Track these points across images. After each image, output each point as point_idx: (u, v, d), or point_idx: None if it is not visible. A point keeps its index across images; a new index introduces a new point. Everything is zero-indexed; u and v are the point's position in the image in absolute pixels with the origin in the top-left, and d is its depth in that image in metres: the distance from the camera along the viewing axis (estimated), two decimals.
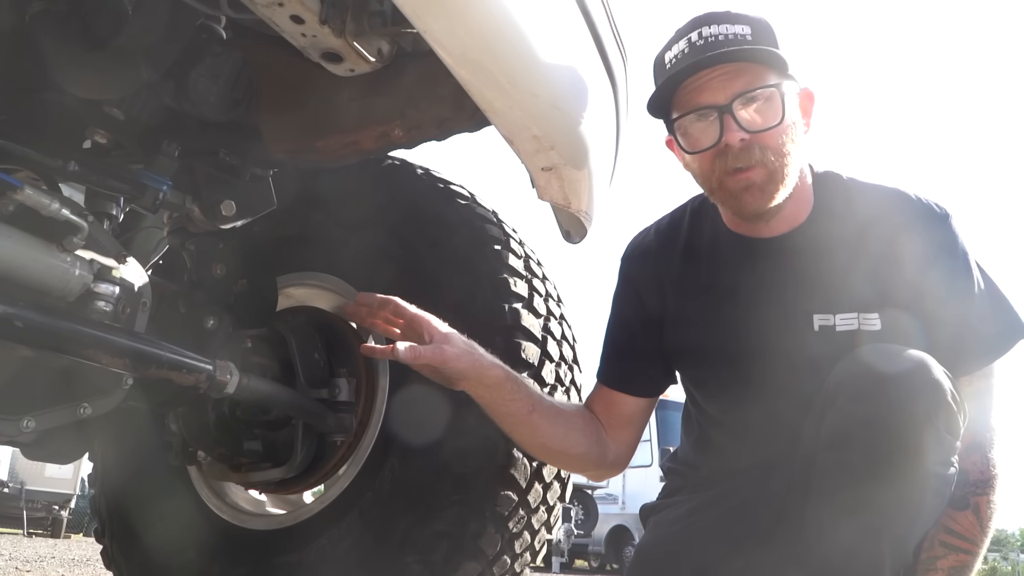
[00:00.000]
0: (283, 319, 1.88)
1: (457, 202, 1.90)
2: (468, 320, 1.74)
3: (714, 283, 1.51)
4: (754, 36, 1.34)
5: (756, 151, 1.32)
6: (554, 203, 1.49)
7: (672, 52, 1.39)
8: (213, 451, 1.81)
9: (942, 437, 1.21)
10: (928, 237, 1.39)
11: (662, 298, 1.56)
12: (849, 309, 1.39)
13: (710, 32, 1.34)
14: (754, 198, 1.35)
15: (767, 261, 1.46)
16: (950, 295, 1.37)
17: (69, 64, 1.38)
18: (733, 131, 1.32)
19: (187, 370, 1.46)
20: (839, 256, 1.41)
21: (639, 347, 1.59)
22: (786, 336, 1.42)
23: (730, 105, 1.32)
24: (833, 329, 1.39)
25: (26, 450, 1.64)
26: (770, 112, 1.33)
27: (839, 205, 1.45)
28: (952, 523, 1.32)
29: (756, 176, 1.34)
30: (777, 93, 1.33)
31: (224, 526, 1.94)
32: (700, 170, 1.40)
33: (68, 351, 1.29)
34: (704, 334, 1.51)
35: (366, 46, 1.39)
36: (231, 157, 1.67)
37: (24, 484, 13.76)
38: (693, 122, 1.37)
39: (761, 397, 1.44)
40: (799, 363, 1.39)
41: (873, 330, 1.37)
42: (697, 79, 1.34)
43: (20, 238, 1.27)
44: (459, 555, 1.66)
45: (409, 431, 1.72)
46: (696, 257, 1.55)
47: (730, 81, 1.32)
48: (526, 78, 1.26)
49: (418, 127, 1.59)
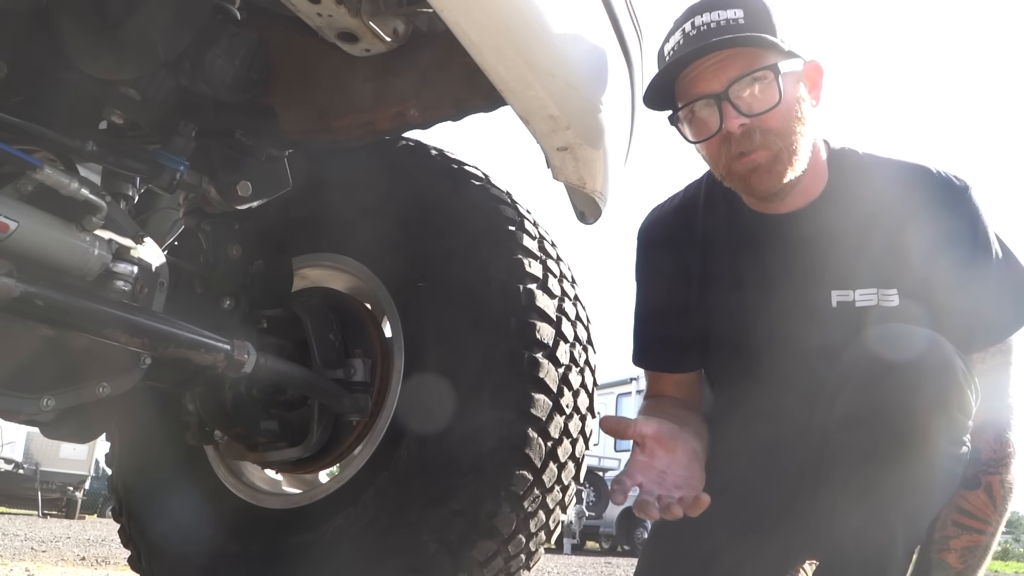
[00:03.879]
0: (298, 300, 1.88)
1: (471, 183, 1.90)
2: (483, 301, 1.75)
3: (731, 266, 1.51)
4: (747, 18, 1.34)
5: (757, 135, 1.33)
6: (569, 183, 1.48)
7: (669, 44, 1.41)
8: (230, 431, 1.82)
9: (953, 417, 1.21)
10: (946, 211, 1.39)
11: (688, 284, 1.57)
12: (869, 285, 1.39)
13: (702, 21, 1.35)
14: (762, 179, 1.36)
15: (784, 239, 1.46)
16: (967, 270, 1.36)
17: (86, 44, 1.39)
18: (732, 117, 1.32)
19: (205, 349, 1.47)
20: (856, 231, 1.41)
21: (678, 333, 1.59)
22: (805, 313, 1.41)
23: (726, 92, 1.32)
24: (852, 305, 1.39)
25: (45, 429, 1.66)
26: (768, 94, 1.33)
27: (855, 180, 1.45)
28: (964, 503, 1.32)
29: (760, 157, 1.34)
30: (771, 74, 1.33)
31: (241, 505, 1.96)
32: (709, 157, 1.42)
33: (88, 330, 1.30)
34: (723, 318, 1.51)
35: (382, 26, 1.39)
36: (247, 138, 1.68)
37: (39, 465, 13.92)
38: (694, 112, 1.38)
39: (779, 378, 1.44)
40: (817, 340, 1.39)
41: (891, 306, 1.37)
42: (692, 69, 1.35)
43: (40, 217, 1.28)
44: (474, 534, 1.67)
45: (424, 411, 1.72)
46: (713, 241, 1.55)
47: (724, 68, 1.33)
48: (542, 57, 1.25)
49: (433, 107, 1.58)
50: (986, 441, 1.32)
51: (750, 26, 1.33)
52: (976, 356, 1.35)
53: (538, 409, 1.69)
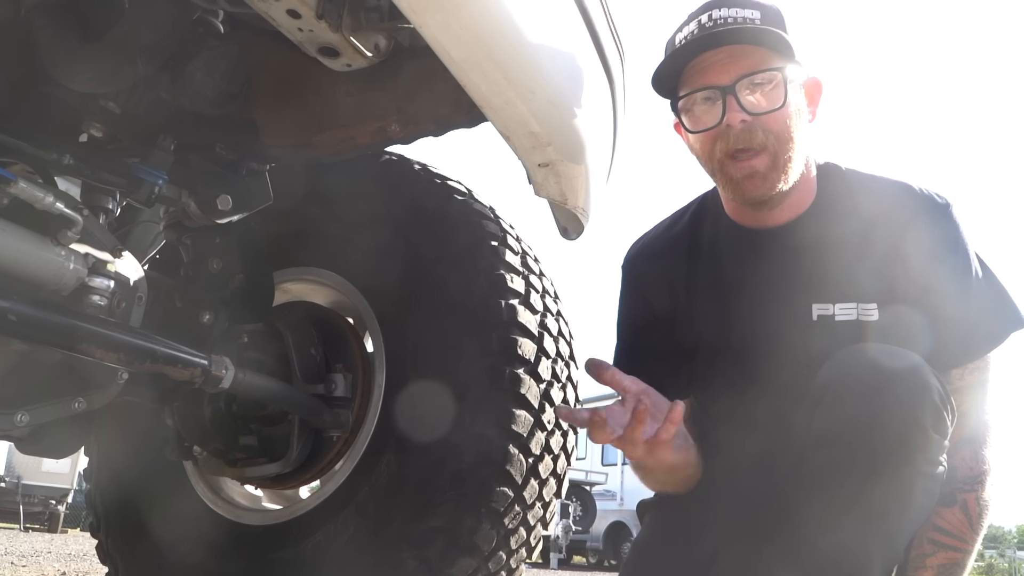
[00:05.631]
0: (280, 314, 1.87)
1: (455, 198, 1.89)
2: (465, 316, 1.74)
3: (717, 279, 1.51)
4: (763, 20, 1.35)
5: (759, 133, 1.32)
6: (551, 199, 1.48)
7: (682, 33, 1.39)
8: (209, 446, 1.81)
9: (930, 437, 1.21)
10: (927, 228, 1.39)
11: (672, 299, 1.56)
12: (848, 299, 1.39)
13: (720, 15, 1.35)
14: (756, 186, 1.36)
15: (768, 251, 1.46)
16: (947, 286, 1.36)
17: (65, 57, 1.38)
18: (735, 112, 1.32)
19: (182, 365, 1.46)
20: (840, 247, 1.41)
21: (655, 349, 1.58)
22: (786, 327, 1.41)
23: (733, 86, 1.32)
24: (832, 319, 1.39)
25: (21, 444, 1.64)
26: (773, 95, 1.33)
27: (841, 196, 1.46)
28: (940, 520, 1.32)
29: (759, 164, 1.34)
30: (780, 76, 1.33)
31: (220, 521, 1.94)
32: (702, 151, 1.40)
33: (62, 345, 1.29)
34: (709, 330, 1.51)
35: (363, 41, 1.39)
36: (228, 151, 1.67)
37: (21, 479, 13.77)
38: (697, 102, 1.37)
39: (762, 391, 1.44)
40: (798, 354, 1.39)
41: (871, 320, 1.37)
42: (703, 59, 1.35)
43: (14, 231, 1.26)
44: (455, 551, 1.66)
45: (405, 427, 1.71)
46: (698, 254, 1.55)
47: (734, 62, 1.33)
48: (522, 74, 1.25)
49: (415, 123, 1.59)
50: (962, 459, 1.32)
51: (764, 25, 1.34)
52: (955, 372, 1.35)
53: (519, 425, 1.69)
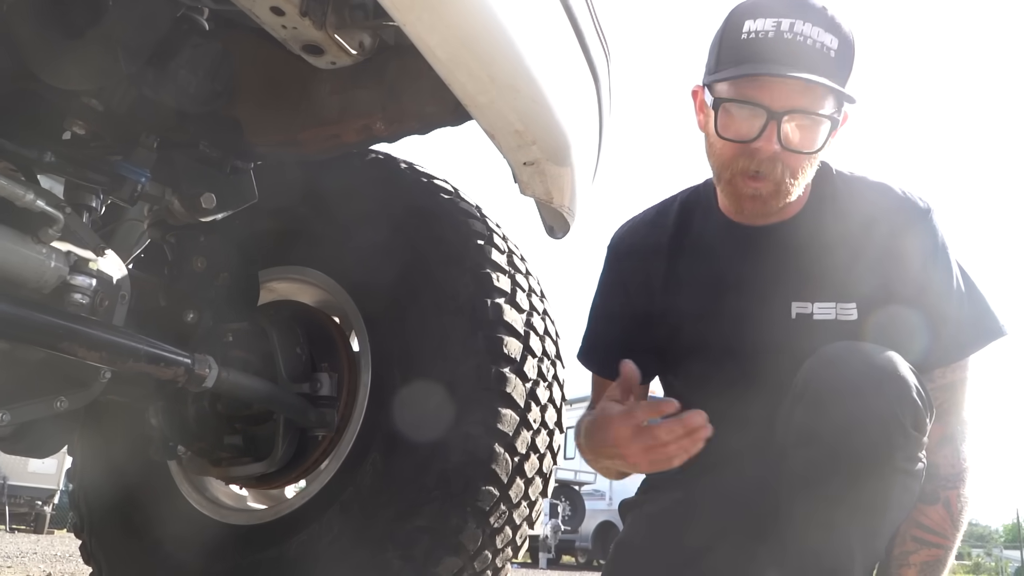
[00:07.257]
0: (265, 313, 1.87)
1: (441, 197, 1.89)
2: (451, 315, 1.74)
3: (703, 273, 1.51)
4: (838, 53, 1.31)
5: (778, 167, 1.32)
6: (537, 198, 1.48)
7: (755, 24, 1.33)
8: (193, 445, 1.80)
9: (908, 434, 1.21)
10: (910, 231, 1.40)
11: (650, 294, 1.56)
12: (828, 299, 1.40)
13: (800, 30, 1.30)
14: (755, 207, 1.37)
15: (755, 250, 1.47)
16: (928, 288, 1.38)
17: (48, 54, 1.37)
18: (771, 141, 1.30)
19: (165, 363, 1.45)
20: (826, 247, 1.42)
21: (629, 340, 1.58)
22: (766, 324, 1.42)
23: (782, 114, 1.30)
24: (810, 317, 1.40)
25: (2, 443, 1.62)
26: (811, 138, 1.32)
27: (830, 197, 1.46)
28: (923, 518, 1.33)
29: (764, 188, 1.34)
30: (828, 124, 1.32)
31: (204, 521, 1.93)
32: (720, 155, 1.38)
33: (43, 344, 1.28)
34: (690, 326, 1.51)
35: (347, 39, 1.38)
36: (212, 149, 1.66)
37: (6, 479, 13.65)
38: (739, 109, 1.34)
39: (743, 387, 1.44)
40: (778, 351, 1.40)
41: (849, 320, 1.38)
42: (766, 71, 1.30)
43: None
44: (440, 550, 1.66)
45: (391, 426, 1.71)
46: (683, 250, 1.55)
47: (792, 93, 1.29)
48: (507, 72, 1.25)
49: (400, 121, 1.58)
50: (944, 456, 1.34)
51: (838, 61, 1.31)
52: (936, 372, 1.36)
53: (505, 424, 1.69)
